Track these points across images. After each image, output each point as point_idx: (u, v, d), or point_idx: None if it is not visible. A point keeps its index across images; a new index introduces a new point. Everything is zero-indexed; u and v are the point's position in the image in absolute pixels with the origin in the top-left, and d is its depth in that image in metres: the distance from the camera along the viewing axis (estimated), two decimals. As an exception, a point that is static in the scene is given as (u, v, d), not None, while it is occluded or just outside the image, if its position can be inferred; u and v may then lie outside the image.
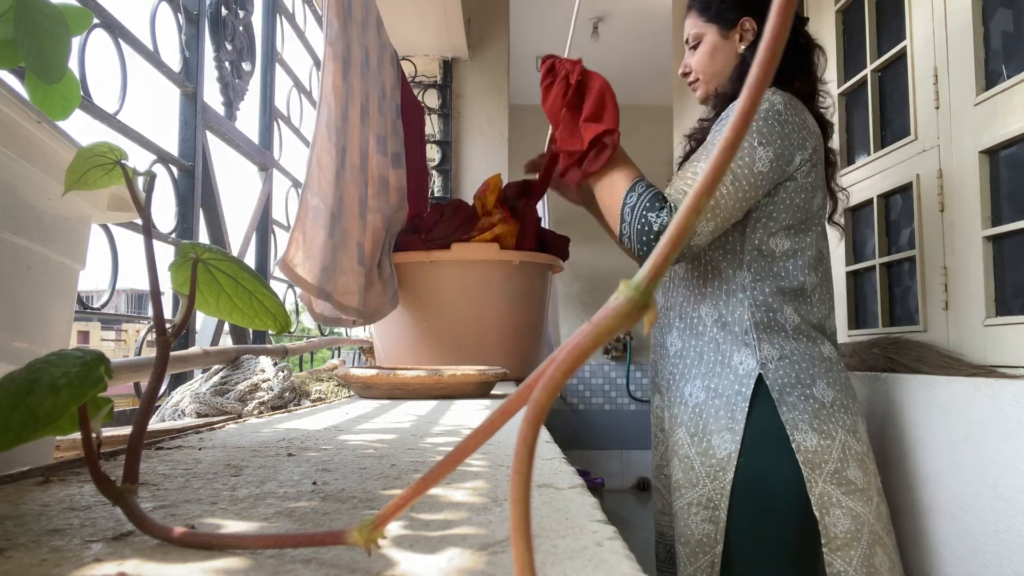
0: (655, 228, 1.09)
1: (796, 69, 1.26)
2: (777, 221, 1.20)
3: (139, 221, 0.42)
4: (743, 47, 1.29)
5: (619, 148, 1.23)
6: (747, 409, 1.13)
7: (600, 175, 1.21)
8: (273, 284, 1.73)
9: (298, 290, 1.23)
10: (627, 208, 1.13)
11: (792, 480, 1.10)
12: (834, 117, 1.94)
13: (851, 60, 1.91)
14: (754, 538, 1.11)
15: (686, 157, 1.37)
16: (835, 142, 1.93)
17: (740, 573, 1.12)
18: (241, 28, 1.48)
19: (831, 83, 1.96)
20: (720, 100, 1.31)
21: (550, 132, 1.53)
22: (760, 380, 1.14)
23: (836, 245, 1.36)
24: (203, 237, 1.34)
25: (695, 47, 1.33)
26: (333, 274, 1.23)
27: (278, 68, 1.74)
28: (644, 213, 1.11)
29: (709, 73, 1.32)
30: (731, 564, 1.12)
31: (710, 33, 1.31)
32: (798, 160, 1.18)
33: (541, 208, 2.35)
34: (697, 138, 1.35)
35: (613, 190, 1.18)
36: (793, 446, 1.10)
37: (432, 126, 2.96)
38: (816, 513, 1.09)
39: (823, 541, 1.09)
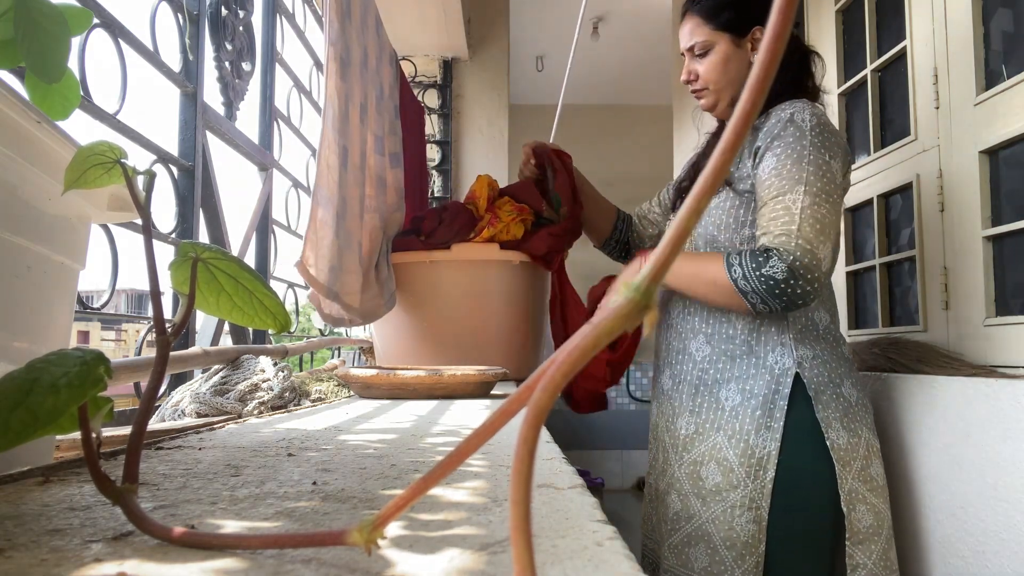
0: (779, 277, 1.08)
1: (801, 75, 1.29)
2: None
3: (139, 221, 0.42)
4: (755, 57, 1.28)
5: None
6: (786, 407, 1.16)
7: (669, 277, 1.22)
8: (273, 284, 1.73)
9: (306, 290, 1.24)
10: (741, 281, 1.12)
11: (826, 476, 1.14)
12: (833, 118, 1.94)
13: (851, 60, 1.91)
14: (791, 534, 1.15)
15: (693, 170, 1.40)
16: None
17: (779, 569, 1.14)
18: (241, 28, 1.48)
19: (831, 83, 1.96)
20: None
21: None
22: (797, 378, 1.17)
23: None
24: (203, 237, 1.34)
25: (701, 55, 1.30)
26: (340, 273, 1.23)
27: (278, 68, 1.74)
28: (759, 273, 1.10)
29: (722, 82, 1.29)
30: (770, 561, 1.14)
31: (722, 42, 1.28)
32: (849, 163, 1.22)
33: None
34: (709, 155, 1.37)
35: (703, 278, 1.17)
36: (828, 443, 1.14)
37: (432, 126, 2.96)
38: (844, 508, 1.14)
39: (847, 535, 1.14)
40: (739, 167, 1.26)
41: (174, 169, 1.25)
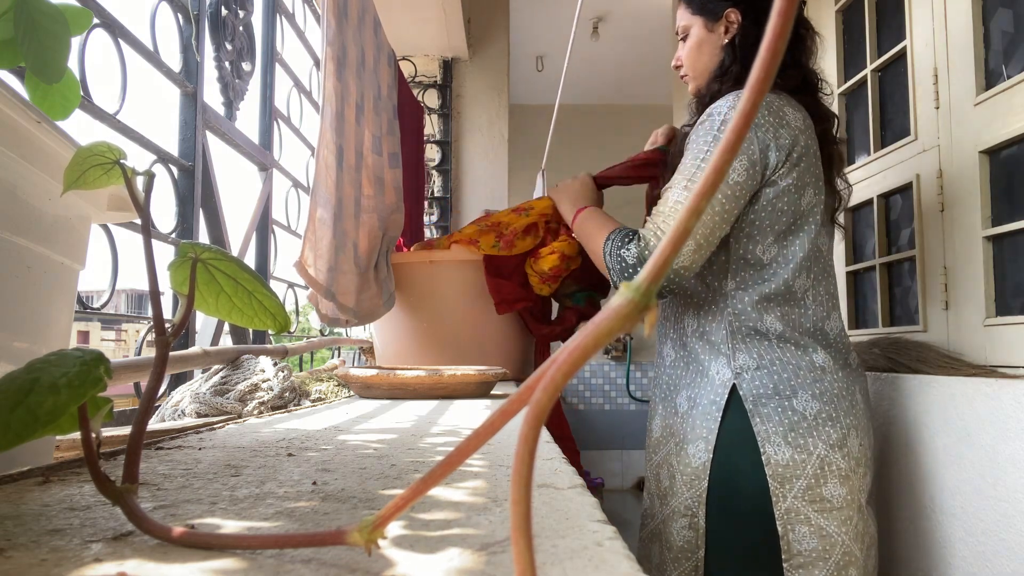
0: (629, 261, 1.13)
1: (784, 59, 1.23)
2: (762, 230, 1.16)
3: (139, 221, 0.42)
4: (726, 40, 1.24)
5: (588, 210, 1.35)
6: (720, 418, 1.13)
7: (579, 233, 1.34)
8: (273, 284, 1.73)
9: (306, 290, 1.24)
10: (607, 256, 1.19)
11: (762, 491, 1.09)
12: (834, 117, 1.94)
13: (851, 60, 1.91)
14: (729, 545, 1.12)
15: (670, 165, 1.35)
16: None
17: None
18: (241, 28, 1.48)
19: (831, 83, 1.96)
20: (699, 103, 1.28)
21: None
22: (734, 389, 1.13)
23: (836, 244, 1.34)
24: (203, 237, 1.34)
25: (683, 39, 1.30)
26: (336, 274, 1.23)
27: (278, 68, 1.74)
28: (617, 253, 1.16)
29: (697, 68, 1.28)
30: (711, 569, 1.13)
31: (696, 26, 1.27)
32: (774, 160, 1.13)
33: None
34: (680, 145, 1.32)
35: (590, 245, 1.28)
36: (763, 459, 1.09)
37: (432, 126, 2.96)
38: (779, 528, 1.08)
39: (784, 556, 1.08)
40: None
41: (174, 169, 1.25)
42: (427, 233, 2.87)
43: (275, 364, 1.12)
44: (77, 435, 0.35)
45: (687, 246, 1.09)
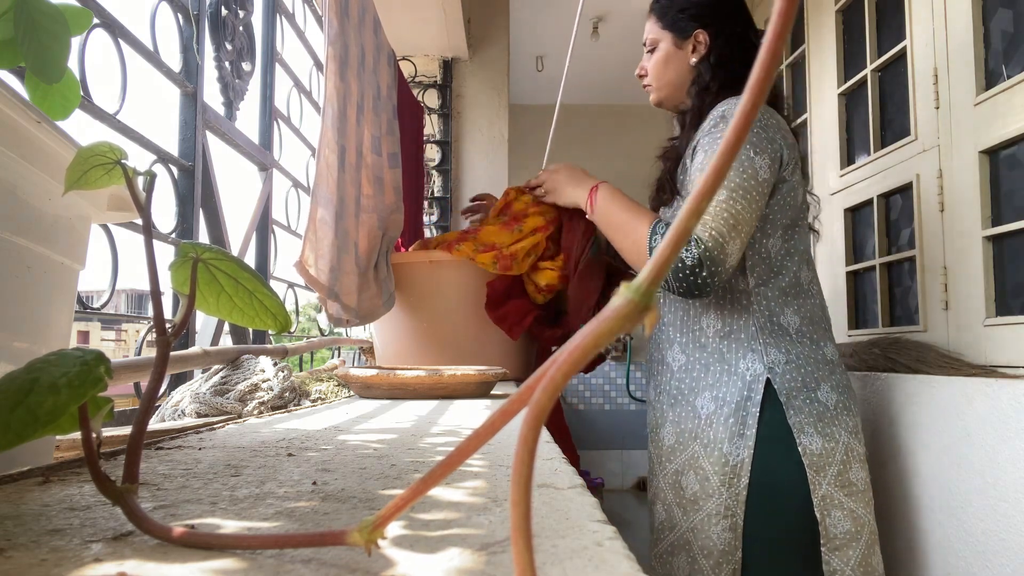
0: (689, 263, 1.09)
1: (745, 72, 1.24)
2: (774, 224, 1.20)
3: (139, 221, 0.42)
4: (695, 59, 1.29)
5: (602, 190, 1.28)
6: (758, 414, 1.14)
7: (599, 217, 1.27)
8: (273, 284, 1.73)
9: (307, 290, 1.24)
10: (654, 250, 1.13)
11: (799, 482, 1.12)
12: (834, 118, 1.94)
13: (851, 60, 1.91)
14: (767, 540, 1.13)
15: (663, 178, 1.34)
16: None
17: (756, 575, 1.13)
18: (241, 28, 1.48)
19: (831, 82, 1.96)
20: (688, 116, 1.31)
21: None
22: (768, 384, 1.15)
23: (834, 244, 1.35)
24: (203, 237, 1.34)
25: (651, 51, 1.35)
26: (339, 274, 1.24)
27: (278, 68, 1.74)
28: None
29: (661, 81, 1.33)
30: (747, 568, 1.13)
31: (665, 41, 1.32)
32: (785, 157, 1.19)
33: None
34: (670, 157, 1.33)
35: (628, 234, 1.21)
36: (800, 449, 1.12)
37: (432, 126, 2.96)
38: (817, 514, 1.12)
39: (822, 541, 1.12)
40: (683, 172, 1.26)
41: (174, 169, 1.25)
42: (427, 233, 2.87)
43: (275, 364, 1.12)
44: (77, 435, 0.35)
45: (735, 244, 1.10)
